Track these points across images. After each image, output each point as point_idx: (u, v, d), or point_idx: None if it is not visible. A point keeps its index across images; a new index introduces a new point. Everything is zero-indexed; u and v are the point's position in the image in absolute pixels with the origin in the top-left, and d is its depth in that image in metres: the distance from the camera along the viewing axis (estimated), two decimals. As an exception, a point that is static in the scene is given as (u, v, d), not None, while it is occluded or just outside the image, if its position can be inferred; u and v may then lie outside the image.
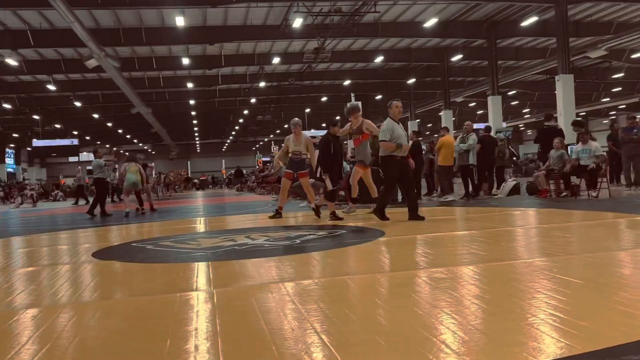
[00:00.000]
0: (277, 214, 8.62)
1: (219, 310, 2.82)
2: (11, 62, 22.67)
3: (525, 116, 48.06)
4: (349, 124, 8.37)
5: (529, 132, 54.63)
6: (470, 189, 11.55)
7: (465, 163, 11.35)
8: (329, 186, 8.12)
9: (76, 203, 23.08)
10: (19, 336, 2.54)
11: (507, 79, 29.61)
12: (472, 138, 11.37)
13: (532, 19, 22.14)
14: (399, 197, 11.26)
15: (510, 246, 4.72)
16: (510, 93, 37.65)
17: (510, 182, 12.61)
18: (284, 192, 8.82)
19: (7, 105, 31.87)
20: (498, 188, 13.05)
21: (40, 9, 17.97)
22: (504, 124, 28.95)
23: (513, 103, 42.77)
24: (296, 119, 8.72)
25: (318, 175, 8.56)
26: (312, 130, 43.22)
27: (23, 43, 20.96)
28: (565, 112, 19.25)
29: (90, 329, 2.61)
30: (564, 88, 19.79)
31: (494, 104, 25.44)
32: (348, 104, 8.69)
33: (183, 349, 2.18)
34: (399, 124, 7.26)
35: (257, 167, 36.92)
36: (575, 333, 2.10)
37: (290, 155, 8.50)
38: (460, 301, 2.74)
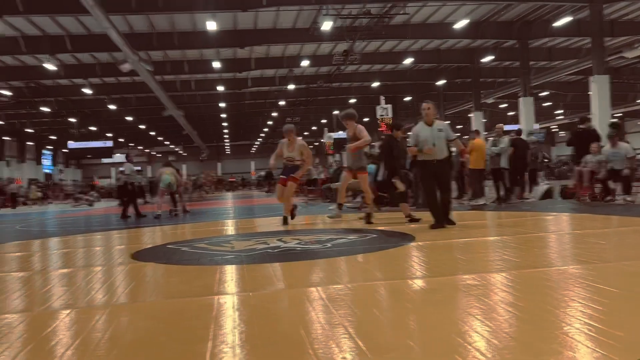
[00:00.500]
0: (286, 221, 8.41)
1: (256, 314, 2.90)
2: (49, 66, 23.40)
3: (558, 118, 47.07)
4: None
5: (562, 134, 53.50)
6: (502, 192, 11.42)
7: (497, 166, 11.23)
8: (401, 188, 8.03)
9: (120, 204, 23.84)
10: (63, 336, 2.67)
11: (539, 79, 29.06)
12: (505, 141, 11.24)
13: (566, 19, 21.70)
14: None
15: (543, 253, 4.68)
16: (542, 94, 36.95)
17: (543, 186, 12.42)
18: (286, 199, 8.48)
19: (45, 109, 32.88)
20: (530, 192, 12.87)
21: (78, 15, 18.49)
22: (536, 126, 28.43)
23: (545, 104, 41.94)
24: (289, 125, 8.68)
25: (386, 178, 8.19)
26: (340, 133, 43.30)
27: (61, 48, 21.64)
28: (600, 114, 18.83)
29: (133, 330, 2.73)
30: (598, 89, 19.35)
31: (525, 105, 25.03)
32: (343, 112, 8.48)
33: (223, 351, 2.27)
34: (431, 126, 6.95)
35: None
36: (612, 343, 2.10)
37: (284, 160, 8.51)
38: (494, 308, 2.75)
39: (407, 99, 37.81)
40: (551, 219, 7.67)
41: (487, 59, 27.31)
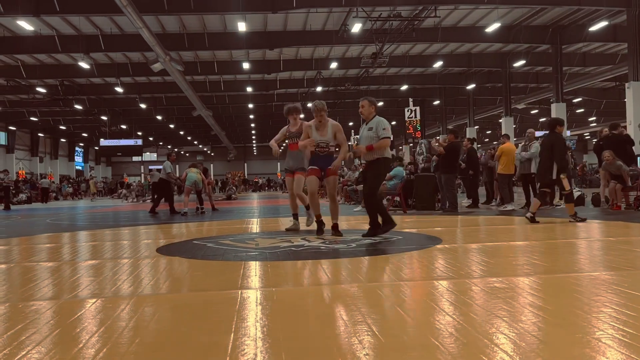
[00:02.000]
0: (320, 226, 6.71)
1: (279, 309, 2.89)
2: (83, 65, 23.96)
3: (592, 125, 46.04)
4: (286, 126, 7.36)
5: (595, 141, 52.25)
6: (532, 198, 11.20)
7: (527, 172, 11.03)
8: (567, 187, 7.66)
9: (152, 200, 24.35)
10: (89, 324, 2.70)
11: (573, 85, 28.51)
12: (535, 146, 11.02)
13: (602, 24, 21.25)
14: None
15: (573, 258, 4.56)
16: (575, 100, 36.23)
17: (574, 193, 12.12)
18: (314, 197, 6.73)
19: (78, 107, 33.68)
20: (561, 199, 12.57)
21: (112, 15, 18.90)
22: (568, 133, 27.87)
23: (578, 111, 41.12)
24: (320, 101, 6.75)
25: (554, 177, 7.52)
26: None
27: (95, 47, 22.15)
28: (635, 121, 18.35)
29: (157, 320, 2.74)
30: (634, 96, 18.87)
31: (558, 111, 24.55)
32: (287, 106, 7.37)
33: (245, 343, 2.26)
34: (366, 124, 6.29)
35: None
36: (646, 350, 2.02)
37: (315, 148, 6.56)
38: (522, 311, 2.68)
39: (436, 102, 37.50)
40: (582, 225, 7.48)
41: (519, 63, 26.91)
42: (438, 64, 27.03)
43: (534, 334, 2.27)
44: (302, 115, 7.48)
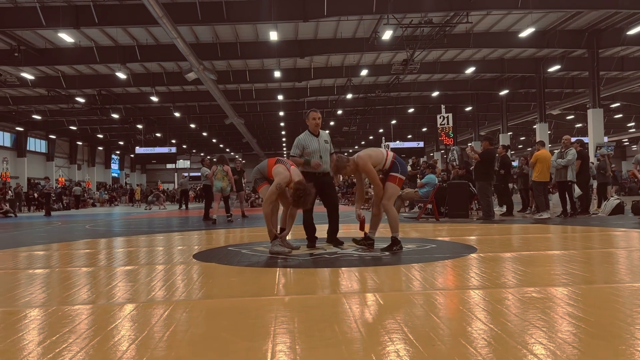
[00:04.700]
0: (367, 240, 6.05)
1: (315, 316, 2.93)
2: (120, 75, 24.61)
3: (630, 130, 44.77)
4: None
5: (634, 147, 50.76)
6: (569, 206, 10.98)
7: (564, 179, 10.82)
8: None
9: (180, 207, 24.84)
10: (132, 330, 2.79)
11: (610, 90, 27.80)
12: (572, 153, 10.82)
13: (640, 27, 20.68)
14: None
15: (613, 268, 4.46)
16: (613, 106, 35.30)
17: (613, 201, 11.83)
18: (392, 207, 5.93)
19: (114, 115, 34.60)
20: (598, 207, 12.29)
21: (148, 26, 19.39)
22: (606, 139, 27.15)
23: (616, 116, 40.04)
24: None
25: None
26: (397, 142, 42.94)
27: (131, 58, 22.75)
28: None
29: (196, 326, 2.81)
30: (675, 100, 18.27)
31: (594, 117, 23.97)
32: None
33: (284, 350, 2.30)
34: (317, 137, 6.29)
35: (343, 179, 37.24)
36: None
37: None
38: (560, 322, 2.65)
39: (468, 109, 37.08)
40: (621, 234, 7.29)
41: (554, 68, 26.40)
42: (470, 70, 26.75)
43: (574, 345, 2.25)
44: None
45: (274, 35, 20.27)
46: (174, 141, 48.47)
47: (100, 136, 47.24)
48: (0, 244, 8.23)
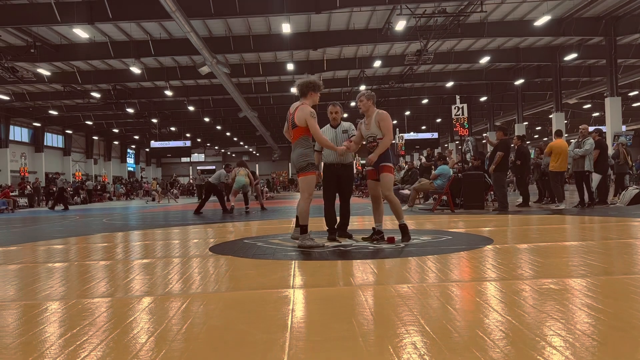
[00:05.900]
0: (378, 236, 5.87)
1: (332, 307, 2.94)
2: (135, 70, 24.78)
3: (649, 119, 44.00)
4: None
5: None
6: (586, 196, 10.85)
7: (581, 169, 10.69)
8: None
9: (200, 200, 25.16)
10: (151, 323, 2.82)
11: (628, 78, 27.32)
12: (589, 142, 10.67)
13: (660, 13, 20.28)
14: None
15: (631, 259, 4.40)
16: (631, 94, 34.69)
17: (631, 190, 11.67)
18: (391, 200, 5.78)
19: (129, 110, 34.87)
20: (615, 196, 12.13)
21: (161, 20, 19.46)
22: (624, 128, 26.73)
23: (634, 105, 39.35)
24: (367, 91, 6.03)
25: None
26: (412, 133, 42.63)
27: (145, 52, 22.90)
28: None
29: (215, 318, 2.84)
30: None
31: (612, 105, 23.58)
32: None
33: (301, 342, 2.32)
34: (335, 128, 6.35)
35: (356, 170, 37.24)
36: None
37: (366, 145, 5.99)
38: (579, 313, 2.63)
39: (483, 99, 36.74)
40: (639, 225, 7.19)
41: (570, 57, 25.99)
42: (485, 60, 26.45)
43: (593, 337, 2.23)
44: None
45: (286, 28, 20.23)
46: (188, 135, 48.75)
47: (116, 131, 47.67)
48: (19, 238, 8.37)
